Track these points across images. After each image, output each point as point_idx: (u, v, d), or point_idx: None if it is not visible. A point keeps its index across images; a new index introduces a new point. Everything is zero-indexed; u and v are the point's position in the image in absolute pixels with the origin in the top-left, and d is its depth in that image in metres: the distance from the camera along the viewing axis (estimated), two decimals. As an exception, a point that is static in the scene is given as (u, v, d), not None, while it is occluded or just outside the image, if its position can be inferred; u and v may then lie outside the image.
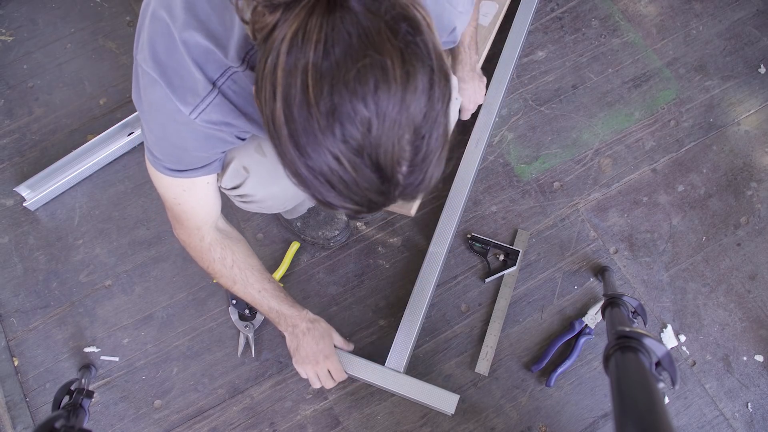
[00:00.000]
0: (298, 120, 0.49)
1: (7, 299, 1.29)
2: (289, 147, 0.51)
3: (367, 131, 0.49)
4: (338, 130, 0.48)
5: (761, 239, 1.30)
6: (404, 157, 0.51)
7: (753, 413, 1.18)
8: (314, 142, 0.50)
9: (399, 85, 0.48)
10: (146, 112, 0.72)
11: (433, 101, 0.51)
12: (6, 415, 1.20)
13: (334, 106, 0.48)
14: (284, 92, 0.50)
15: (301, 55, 0.48)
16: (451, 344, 1.24)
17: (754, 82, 1.42)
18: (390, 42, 0.48)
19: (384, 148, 0.50)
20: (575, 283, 1.27)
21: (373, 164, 0.50)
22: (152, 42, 0.66)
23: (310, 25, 0.48)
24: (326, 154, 0.50)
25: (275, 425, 1.20)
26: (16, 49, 1.50)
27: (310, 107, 0.48)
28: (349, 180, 0.51)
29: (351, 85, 0.47)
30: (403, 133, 0.50)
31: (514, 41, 1.42)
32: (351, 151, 0.49)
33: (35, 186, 1.33)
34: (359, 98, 0.47)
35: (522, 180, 1.35)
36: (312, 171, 0.52)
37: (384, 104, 0.48)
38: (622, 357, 0.75)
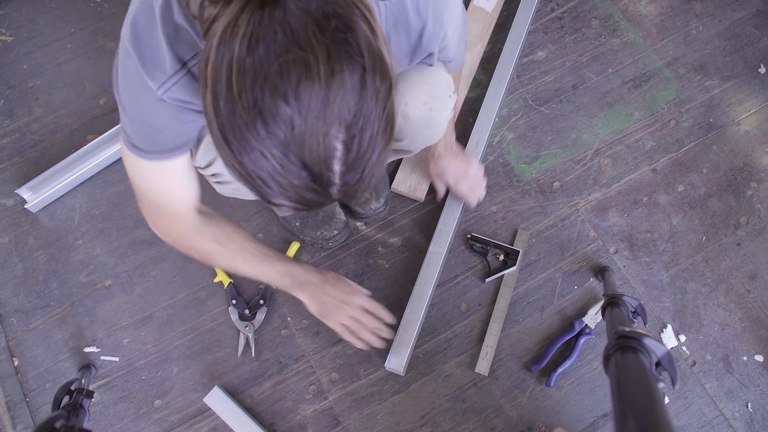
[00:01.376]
0: (224, 114, 0.49)
1: (7, 299, 1.29)
2: (221, 141, 0.52)
3: (290, 128, 0.48)
4: (261, 127, 0.48)
5: (761, 239, 1.30)
6: (334, 156, 0.51)
7: (753, 413, 1.18)
8: (240, 137, 0.50)
9: (323, 83, 0.47)
10: (121, 90, 0.72)
11: (365, 99, 0.50)
12: (6, 415, 1.20)
13: (255, 101, 0.48)
14: (213, 87, 0.50)
15: (228, 50, 0.48)
16: (451, 344, 1.24)
17: (754, 82, 1.42)
18: (315, 38, 0.47)
19: (309, 146, 0.49)
20: (575, 283, 1.27)
21: (301, 162, 0.50)
22: (135, 17, 0.67)
23: (240, 20, 0.48)
24: (254, 151, 0.50)
25: (275, 425, 1.20)
26: (16, 49, 1.50)
27: (234, 103, 0.48)
28: (279, 178, 0.51)
29: (272, 81, 0.47)
30: (328, 130, 0.49)
31: (514, 41, 1.42)
32: (276, 147, 0.49)
33: (37, 188, 1.33)
34: (280, 94, 0.47)
35: (522, 180, 1.35)
36: (244, 168, 0.52)
37: (306, 101, 0.47)
38: (622, 357, 0.75)
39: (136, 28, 0.67)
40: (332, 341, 1.24)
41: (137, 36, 0.67)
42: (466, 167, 1.25)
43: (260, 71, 0.47)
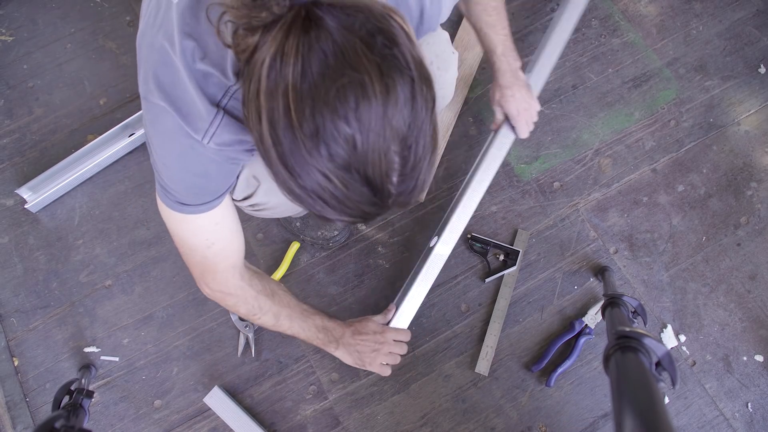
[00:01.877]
0: (284, 142, 0.50)
1: (7, 299, 1.29)
2: (279, 167, 0.52)
3: (353, 148, 0.49)
4: (324, 150, 0.49)
5: (761, 239, 1.30)
6: (393, 168, 0.52)
7: (753, 413, 1.18)
8: (302, 162, 0.50)
9: (379, 100, 0.48)
10: (160, 146, 0.70)
11: (416, 110, 0.51)
12: (6, 415, 1.20)
13: (317, 127, 0.48)
14: (268, 116, 0.50)
15: (281, 78, 0.49)
16: (451, 344, 1.24)
17: (754, 82, 1.42)
18: (366, 57, 0.48)
19: (371, 163, 0.50)
20: (575, 283, 1.27)
21: (363, 178, 0.51)
22: (156, 73, 0.66)
23: (287, 47, 0.49)
24: (315, 173, 0.51)
25: (275, 425, 1.20)
26: (16, 49, 1.50)
27: (294, 129, 0.49)
28: (341, 196, 0.52)
29: (332, 105, 0.48)
30: (388, 146, 0.50)
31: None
32: (339, 168, 0.50)
33: (37, 188, 1.33)
34: (341, 117, 0.48)
35: (522, 180, 1.35)
36: (304, 189, 0.52)
37: (366, 120, 0.49)
38: (622, 357, 0.75)
39: (162, 84, 0.66)
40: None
41: (167, 92, 0.66)
42: (530, 99, 1.23)
43: (318, 97, 0.48)
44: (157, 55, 0.66)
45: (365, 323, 1.13)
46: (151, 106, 0.68)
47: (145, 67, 0.68)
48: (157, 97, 0.66)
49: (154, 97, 0.66)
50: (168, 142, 0.69)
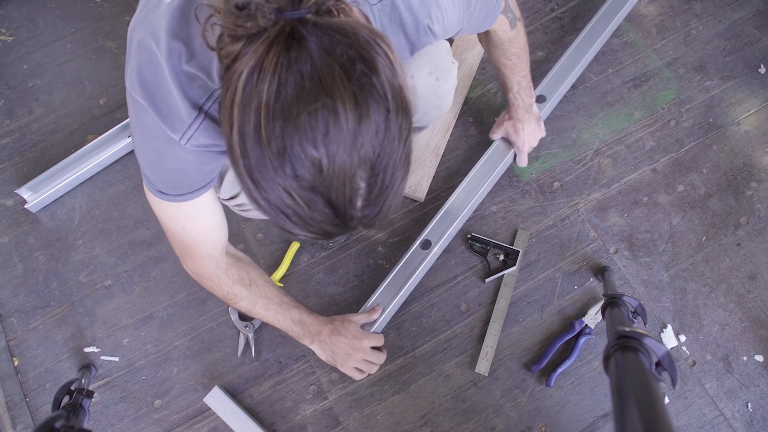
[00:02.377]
0: (251, 155, 0.50)
1: (7, 299, 1.29)
2: (246, 178, 0.52)
3: (318, 171, 0.49)
4: (289, 169, 0.49)
5: (761, 239, 1.30)
6: (358, 194, 0.52)
7: (753, 413, 1.18)
8: (267, 177, 0.50)
9: (350, 129, 0.48)
10: (140, 140, 0.72)
11: (389, 140, 0.51)
12: (6, 415, 1.20)
13: (284, 146, 0.48)
14: (239, 127, 0.50)
15: (255, 93, 0.49)
16: (451, 344, 1.24)
17: (754, 82, 1.42)
18: (343, 84, 0.48)
19: (336, 187, 0.50)
20: (575, 283, 1.27)
21: (326, 201, 0.51)
22: (140, 71, 0.67)
23: (266, 63, 0.48)
24: (279, 189, 0.51)
25: (275, 425, 1.20)
26: (16, 49, 1.50)
27: (262, 145, 0.49)
28: (304, 214, 0.52)
29: (301, 128, 0.48)
30: (354, 172, 0.50)
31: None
32: (303, 188, 0.50)
33: (37, 188, 1.33)
34: (309, 140, 0.48)
35: (522, 180, 1.35)
36: (268, 203, 0.53)
37: (335, 146, 0.49)
38: (622, 357, 0.75)
39: (145, 82, 0.67)
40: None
41: (149, 90, 0.67)
42: (538, 133, 1.29)
43: (289, 118, 0.48)
44: (144, 54, 0.67)
45: (346, 324, 1.13)
46: (134, 101, 0.69)
47: (132, 63, 0.68)
48: (139, 95, 0.67)
49: (137, 93, 0.67)
50: (147, 137, 0.71)
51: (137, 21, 0.70)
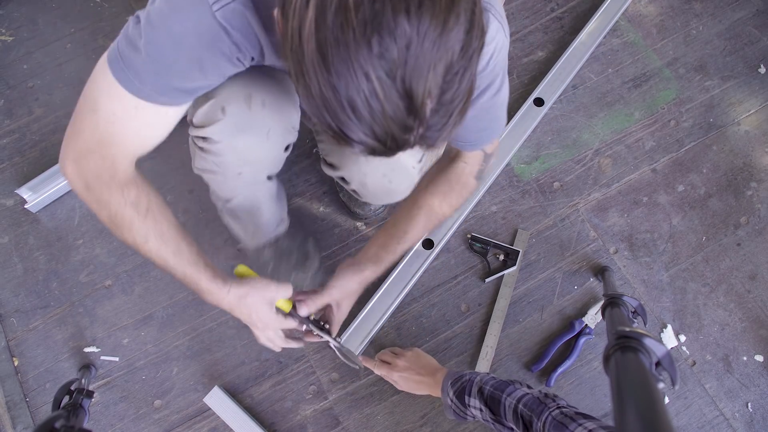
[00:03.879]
0: (331, 28, 0.45)
1: (7, 299, 1.29)
2: (314, 62, 0.46)
3: (405, 50, 0.44)
4: (375, 42, 0.44)
5: (761, 239, 1.30)
6: (434, 91, 0.47)
7: (753, 413, 1.18)
8: (345, 56, 0.45)
9: (443, 8, 0.44)
10: (159, 4, 0.66)
11: (470, 39, 0.47)
12: (6, 415, 1.20)
13: (374, 13, 0.43)
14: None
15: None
16: (451, 344, 1.24)
17: (754, 82, 1.42)
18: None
19: (418, 73, 0.45)
20: (575, 283, 1.27)
21: (405, 89, 0.46)
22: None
23: None
24: (356, 71, 0.45)
25: (275, 425, 1.20)
26: (16, 49, 1.50)
27: (347, 12, 0.44)
28: (375, 105, 0.47)
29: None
30: (438, 62, 0.46)
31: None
32: (384, 69, 0.45)
33: (37, 188, 1.33)
34: (403, 9, 0.43)
35: (522, 180, 1.35)
36: (336, 91, 0.47)
37: (426, 23, 0.44)
38: (622, 357, 0.74)
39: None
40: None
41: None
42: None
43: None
44: None
45: (255, 310, 0.87)
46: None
47: None
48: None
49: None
50: (177, 10, 0.64)
51: None
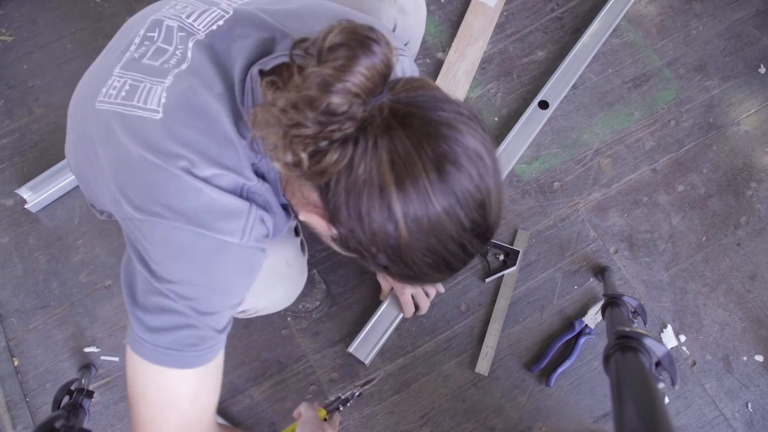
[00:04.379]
0: (420, 214, 0.51)
1: (7, 299, 1.29)
2: (425, 266, 0.54)
3: (482, 207, 0.53)
4: (461, 213, 0.53)
5: (761, 239, 1.30)
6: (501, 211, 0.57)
7: (753, 413, 1.18)
8: (435, 230, 0.52)
9: (489, 154, 0.54)
10: (171, 262, 0.60)
11: (495, 161, 0.56)
12: (6, 415, 1.20)
13: (452, 191, 0.52)
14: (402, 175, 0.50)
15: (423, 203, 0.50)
16: (451, 344, 1.24)
17: (754, 82, 1.42)
18: (470, 131, 0.52)
19: (494, 213, 0.55)
20: (575, 283, 1.27)
21: (485, 230, 0.56)
22: (153, 189, 0.59)
23: (396, 144, 0.49)
24: (450, 236, 0.53)
25: (275, 425, 1.19)
26: (16, 49, 1.50)
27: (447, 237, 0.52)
28: (466, 253, 0.55)
29: (460, 172, 0.51)
30: (499, 192, 0.55)
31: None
32: (471, 232, 0.54)
33: (37, 188, 1.33)
34: (471, 179, 0.52)
35: (522, 180, 1.35)
36: (454, 265, 0.56)
37: (488, 180, 0.53)
38: (622, 357, 0.74)
39: (169, 203, 0.59)
40: (332, 341, 1.24)
41: (178, 208, 0.59)
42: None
43: (446, 169, 0.50)
44: (170, 180, 0.59)
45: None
46: (149, 224, 0.59)
47: (135, 184, 0.60)
48: (187, 223, 0.59)
49: (185, 222, 0.59)
50: (181, 258, 0.60)
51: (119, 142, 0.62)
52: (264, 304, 0.92)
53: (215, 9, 0.68)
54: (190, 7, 0.69)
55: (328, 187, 0.52)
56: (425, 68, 1.46)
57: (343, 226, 0.53)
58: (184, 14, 0.68)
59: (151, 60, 0.65)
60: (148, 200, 0.60)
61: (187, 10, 0.69)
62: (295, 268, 0.95)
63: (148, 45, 0.67)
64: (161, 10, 0.71)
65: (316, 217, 0.57)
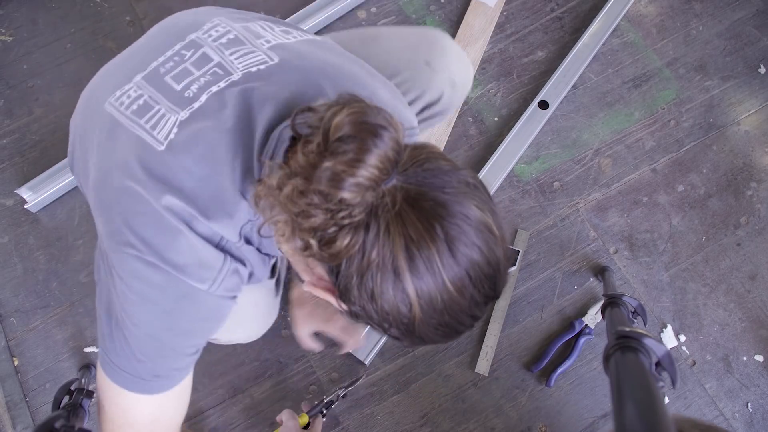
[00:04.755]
0: (432, 290, 0.50)
1: (7, 299, 1.29)
2: (436, 333, 0.53)
3: (493, 270, 0.53)
4: (473, 286, 0.52)
5: (761, 239, 1.30)
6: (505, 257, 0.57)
7: (753, 413, 1.18)
8: (450, 307, 0.52)
9: (495, 223, 0.55)
10: (135, 304, 0.60)
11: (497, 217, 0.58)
12: (6, 415, 1.20)
13: (465, 271, 0.51)
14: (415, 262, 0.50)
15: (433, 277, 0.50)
16: (451, 344, 1.24)
17: (754, 82, 1.42)
18: (475, 201, 0.54)
19: (502, 274, 0.55)
20: (575, 283, 1.27)
21: (494, 287, 0.55)
22: (131, 217, 0.59)
23: (409, 229, 0.48)
24: (464, 311, 0.53)
25: (275, 425, 1.19)
26: (16, 49, 1.50)
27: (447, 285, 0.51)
28: (480, 310, 0.55)
29: (469, 249, 0.52)
30: (506, 259, 0.56)
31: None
32: (484, 297, 0.54)
33: (37, 188, 1.33)
34: (481, 253, 0.52)
35: (522, 180, 1.35)
36: (450, 320, 0.53)
37: (493, 248, 0.53)
38: (622, 357, 0.74)
39: (161, 249, 0.58)
40: (332, 341, 1.24)
41: (151, 244, 0.58)
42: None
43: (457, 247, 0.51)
44: (147, 219, 0.58)
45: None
46: (125, 260, 0.58)
47: (112, 213, 0.60)
48: (157, 259, 0.58)
49: (154, 257, 0.58)
50: (149, 300, 0.59)
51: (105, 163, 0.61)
52: (226, 338, 0.94)
53: (261, 55, 0.65)
54: (233, 39, 0.66)
55: (338, 268, 0.50)
56: (425, 68, 1.46)
57: (354, 305, 0.52)
58: (228, 50, 0.65)
59: (174, 80, 0.63)
60: (123, 227, 0.58)
61: (231, 47, 0.65)
62: (262, 308, 0.95)
63: (177, 61, 0.64)
64: (203, 30, 0.67)
65: (323, 291, 0.56)
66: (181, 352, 0.64)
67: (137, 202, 0.58)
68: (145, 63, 0.65)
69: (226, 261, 0.61)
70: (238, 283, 0.65)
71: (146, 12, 1.51)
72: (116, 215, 0.59)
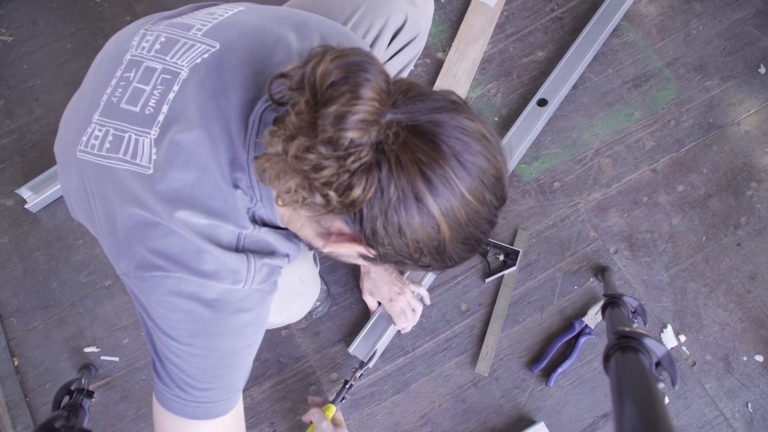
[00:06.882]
0: (458, 211, 0.53)
1: (7, 299, 1.29)
2: (461, 253, 0.56)
3: (498, 182, 0.56)
4: (487, 195, 0.55)
5: (761, 239, 1.30)
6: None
7: (753, 413, 1.18)
8: (470, 215, 0.54)
9: (494, 139, 0.56)
10: (180, 322, 0.61)
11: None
12: (6, 415, 1.20)
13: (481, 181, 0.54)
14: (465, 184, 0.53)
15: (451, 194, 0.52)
16: (451, 344, 1.24)
17: (754, 82, 1.42)
18: (470, 118, 0.54)
19: (505, 183, 0.57)
20: (575, 283, 1.27)
21: (500, 199, 0.57)
22: (153, 243, 0.60)
23: (404, 165, 0.50)
24: (484, 217, 0.55)
25: (275, 425, 1.20)
26: (16, 49, 1.50)
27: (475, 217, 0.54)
28: (493, 221, 0.57)
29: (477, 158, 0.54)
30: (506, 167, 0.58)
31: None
32: (493, 208, 0.56)
33: (37, 188, 1.33)
34: (489, 160, 0.54)
35: (522, 180, 1.35)
36: (472, 230, 0.55)
37: (499, 157, 0.56)
38: (622, 357, 0.74)
39: (171, 254, 0.59)
40: (332, 341, 1.24)
41: (176, 259, 0.59)
42: (400, 287, 1.20)
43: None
44: (174, 239, 0.59)
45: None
46: (159, 279, 0.60)
47: (133, 248, 0.61)
48: (200, 276, 0.59)
49: (165, 270, 0.59)
50: (192, 311, 0.61)
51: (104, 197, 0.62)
52: (281, 320, 0.96)
53: (200, 45, 0.64)
54: (166, 42, 0.65)
55: (360, 214, 0.51)
56: (425, 68, 1.46)
57: (383, 245, 0.53)
58: (167, 54, 0.64)
59: (130, 104, 0.62)
60: (148, 254, 0.59)
61: (168, 50, 0.64)
62: (309, 283, 0.97)
63: (125, 85, 0.63)
64: (137, 49, 0.66)
65: (346, 244, 0.56)
66: (238, 358, 0.65)
67: (153, 227, 0.59)
68: (96, 99, 0.64)
69: (250, 262, 0.62)
70: (270, 271, 0.65)
71: (146, 12, 1.51)
72: (138, 246, 0.60)
